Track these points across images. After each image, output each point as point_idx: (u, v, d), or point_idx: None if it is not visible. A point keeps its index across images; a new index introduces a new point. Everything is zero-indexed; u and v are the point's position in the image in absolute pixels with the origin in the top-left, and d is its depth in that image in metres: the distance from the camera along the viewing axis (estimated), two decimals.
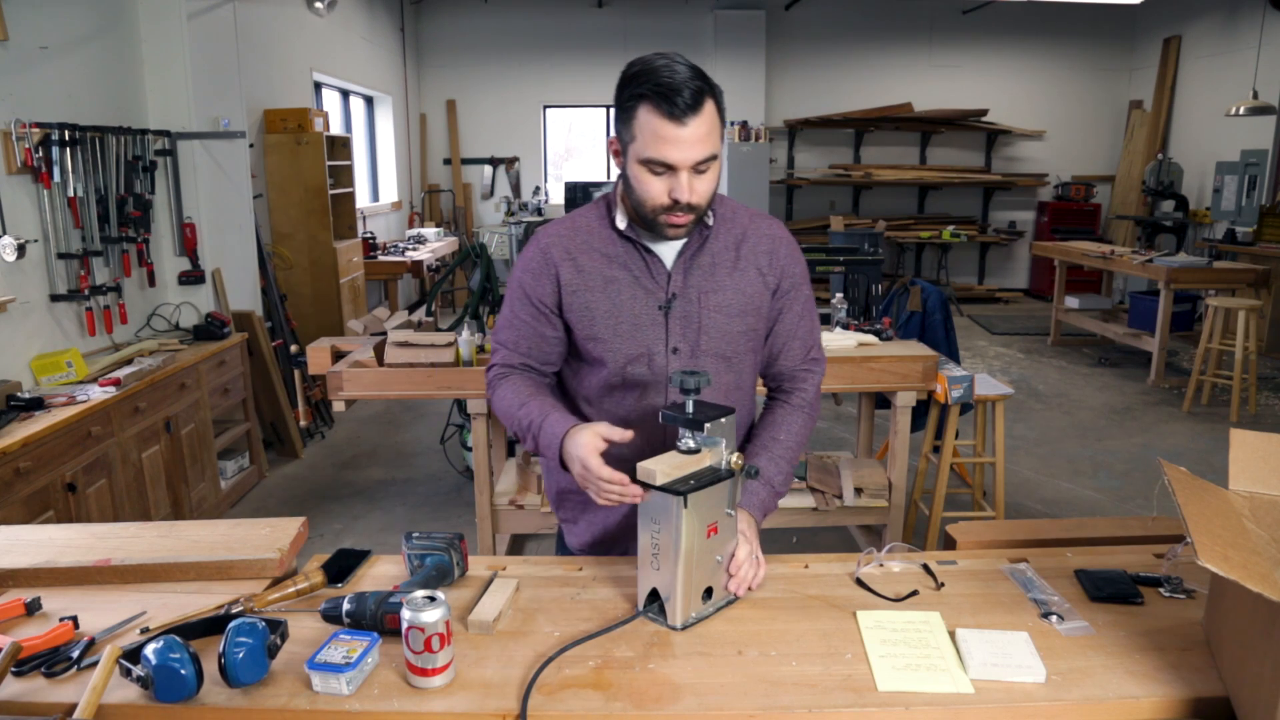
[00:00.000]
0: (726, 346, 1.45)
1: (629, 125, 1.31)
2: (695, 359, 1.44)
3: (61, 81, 3.34)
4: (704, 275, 1.43)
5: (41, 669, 1.13)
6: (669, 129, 1.26)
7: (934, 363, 3.11)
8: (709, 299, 1.43)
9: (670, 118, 1.25)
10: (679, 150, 1.27)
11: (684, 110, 1.25)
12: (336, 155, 5.94)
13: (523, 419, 1.40)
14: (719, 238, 1.45)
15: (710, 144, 1.29)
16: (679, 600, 1.22)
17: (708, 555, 1.25)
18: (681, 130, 1.26)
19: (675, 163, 1.28)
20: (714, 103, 1.29)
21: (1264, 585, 0.91)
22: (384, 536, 3.68)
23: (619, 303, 1.42)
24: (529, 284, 1.46)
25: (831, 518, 3.25)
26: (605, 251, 1.43)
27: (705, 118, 1.27)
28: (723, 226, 1.46)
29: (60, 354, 3.18)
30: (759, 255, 1.46)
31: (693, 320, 1.43)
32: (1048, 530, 1.59)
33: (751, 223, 1.48)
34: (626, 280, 1.42)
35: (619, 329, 1.43)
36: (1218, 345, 5.33)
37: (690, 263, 1.43)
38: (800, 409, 1.53)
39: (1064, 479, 4.33)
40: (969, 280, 9.81)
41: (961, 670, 1.12)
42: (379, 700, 1.08)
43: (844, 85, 9.41)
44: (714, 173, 1.33)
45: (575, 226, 1.47)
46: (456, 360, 3.09)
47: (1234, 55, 7.78)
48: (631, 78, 1.30)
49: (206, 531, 1.49)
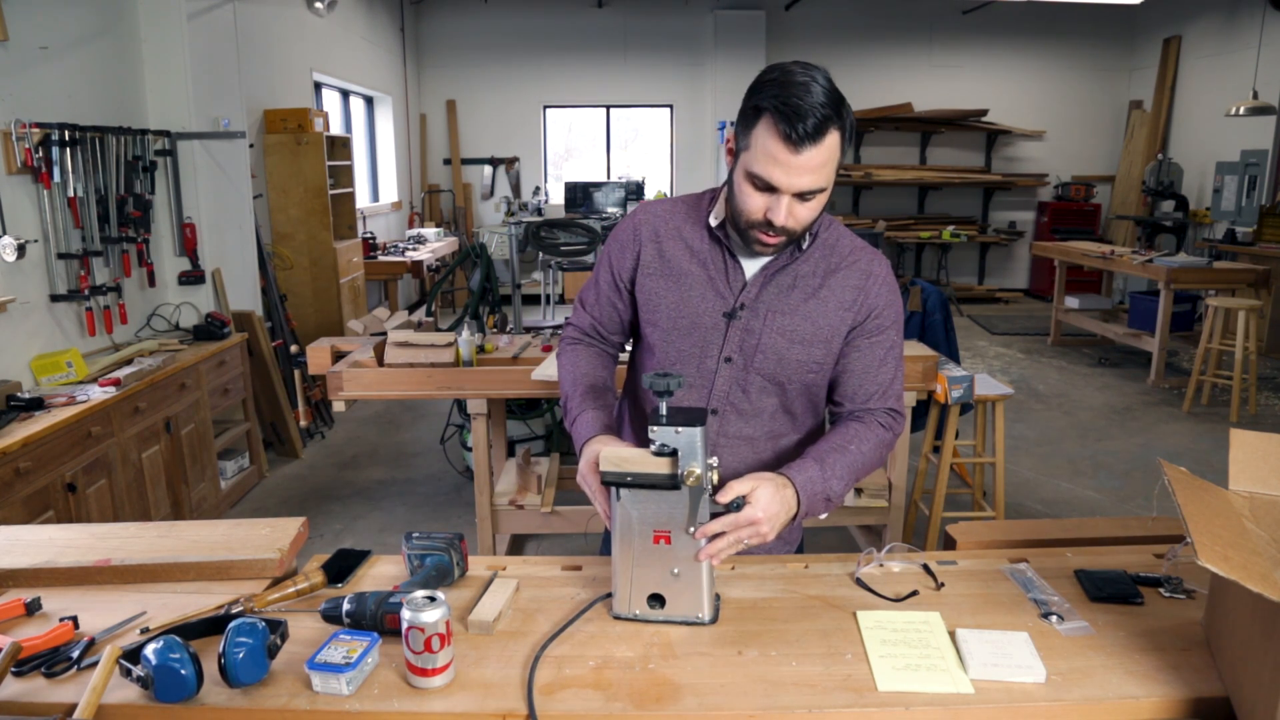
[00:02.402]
0: (780, 371, 1.40)
1: (747, 132, 1.26)
2: (746, 373, 1.41)
3: (61, 81, 3.34)
4: (779, 295, 1.39)
5: (41, 669, 1.13)
6: (783, 152, 1.21)
7: (934, 363, 3.11)
8: (775, 320, 1.38)
9: (787, 140, 1.20)
10: (787, 176, 1.23)
11: (803, 138, 1.19)
12: (336, 155, 5.94)
13: (567, 405, 1.46)
14: (809, 260, 1.40)
15: (822, 176, 1.25)
16: (618, 589, 1.25)
17: (655, 562, 1.22)
18: (795, 157, 1.21)
19: (781, 186, 1.24)
20: (839, 134, 1.24)
21: (1264, 585, 0.91)
22: (384, 536, 3.68)
23: (687, 297, 1.41)
24: (614, 254, 1.49)
25: (831, 518, 3.24)
26: (691, 244, 1.42)
27: (824, 149, 1.22)
28: (819, 251, 1.40)
29: (60, 354, 3.18)
30: (847, 289, 1.39)
31: (753, 335, 1.39)
32: (1048, 530, 1.59)
33: (851, 254, 1.41)
34: (701, 278, 1.41)
35: (678, 323, 1.42)
36: (1218, 345, 5.33)
37: (770, 279, 1.39)
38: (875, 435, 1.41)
39: (1064, 479, 4.33)
40: (969, 280, 9.81)
41: (961, 670, 1.12)
42: (379, 700, 1.08)
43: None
44: (819, 202, 1.29)
45: (673, 211, 1.46)
46: (456, 360, 3.09)
47: (1234, 55, 7.78)
48: (765, 84, 1.24)
49: (206, 531, 1.49)
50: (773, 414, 1.45)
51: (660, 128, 9.80)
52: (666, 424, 1.18)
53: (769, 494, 1.23)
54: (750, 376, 1.41)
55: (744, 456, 1.46)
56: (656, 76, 9.37)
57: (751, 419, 1.45)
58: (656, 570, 1.23)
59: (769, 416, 1.45)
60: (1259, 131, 7.40)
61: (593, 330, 1.56)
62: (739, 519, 1.20)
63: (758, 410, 1.44)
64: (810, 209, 1.29)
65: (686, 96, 9.44)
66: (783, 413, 1.46)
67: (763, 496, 1.22)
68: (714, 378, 1.42)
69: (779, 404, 1.45)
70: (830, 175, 1.27)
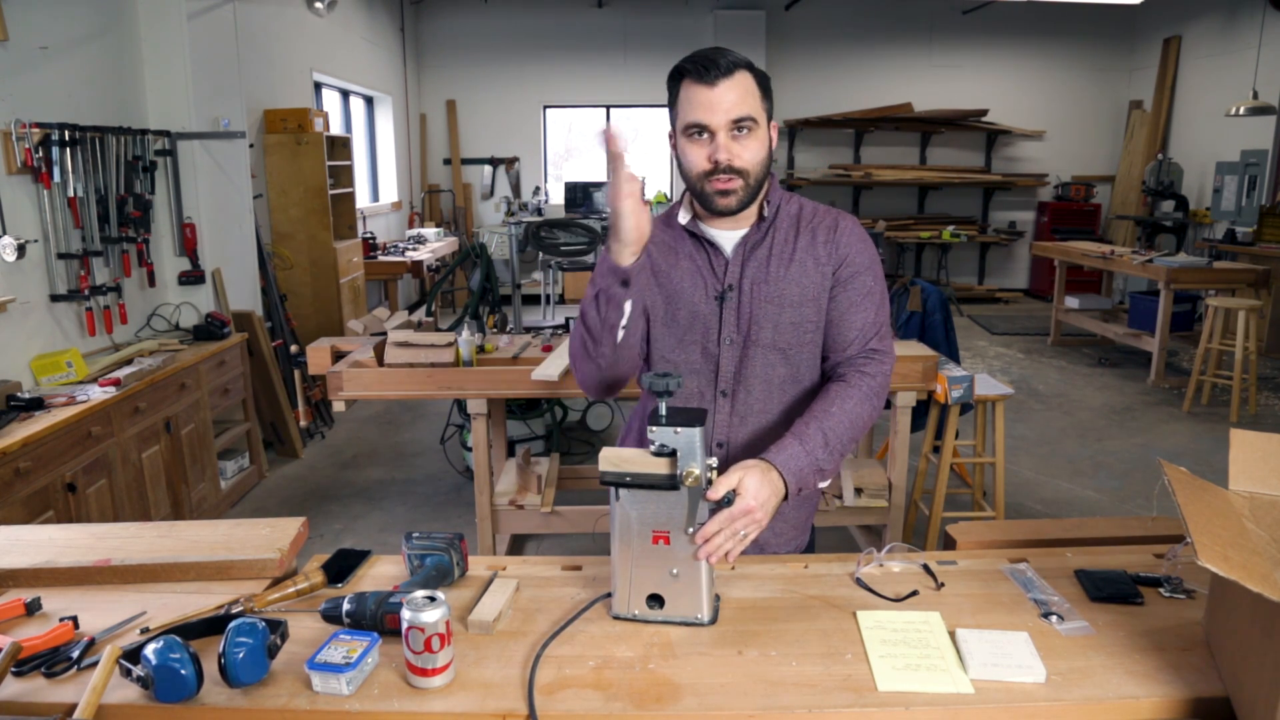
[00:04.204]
0: (779, 338, 1.46)
1: (675, 105, 1.39)
2: (748, 350, 1.46)
3: (61, 81, 3.34)
4: (760, 268, 1.46)
5: (41, 669, 1.13)
6: (701, 92, 1.33)
7: (934, 363, 3.11)
8: (761, 290, 1.45)
9: (701, 81, 1.33)
10: (711, 111, 1.33)
11: (716, 74, 1.32)
12: (336, 155, 5.94)
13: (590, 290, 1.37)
14: (779, 231, 1.48)
15: (745, 106, 1.34)
16: (617, 589, 1.25)
17: (655, 562, 1.23)
18: (712, 91, 1.32)
19: (709, 124, 1.34)
20: (751, 75, 1.36)
21: (1264, 585, 0.91)
22: (384, 536, 3.68)
23: (678, 291, 1.48)
24: None
25: (831, 518, 3.25)
26: (671, 245, 1.51)
27: (738, 81, 1.33)
28: (785, 221, 1.48)
29: (60, 354, 3.18)
30: (819, 245, 1.46)
31: (746, 311, 1.46)
32: (1048, 530, 1.59)
33: (815, 216, 1.50)
34: (688, 270, 1.48)
35: (676, 316, 1.49)
36: (1218, 345, 5.33)
37: (749, 255, 1.46)
38: (857, 388, 1.41)
39: (1064, 479, 4.33)
40: (969, 280, 9.81)
41: (961, 670, 1.12)
42: (379, 700, 1.08)
43: (844, 85, 9.41)
44: (757, 139, 1.37)
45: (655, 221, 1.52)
46: (456, 360, 3.09)
47: (1234, 55, 7.78)
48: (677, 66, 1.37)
49: (206, 531, 1.49)
50: (782, 384, 1.50)
51: (660, 128, 9.80)
52: (666, 424, 1.19)
53: (756, 480, 1.24)
54: (752, 351, 1.46)
55: (761, 431, 1.50)
56: (656, 76, 9.28)
57: (762, 394, 1.49)
58: (656, 570, 1.23)
59: (778, 387, 1.49)
60: (1259, 131, 7.40)
61: None
62: (734, 513, 1.21)
63: (767, 383, 1.49)
64: (752, 147, 1.38)
65: None
66: (791, 382, 1.50)
67: (751, 484, 1.23)
68: (718, 361, 1.48)
69: (786, 374, 1.49)
70: (756, 108, 1.37)
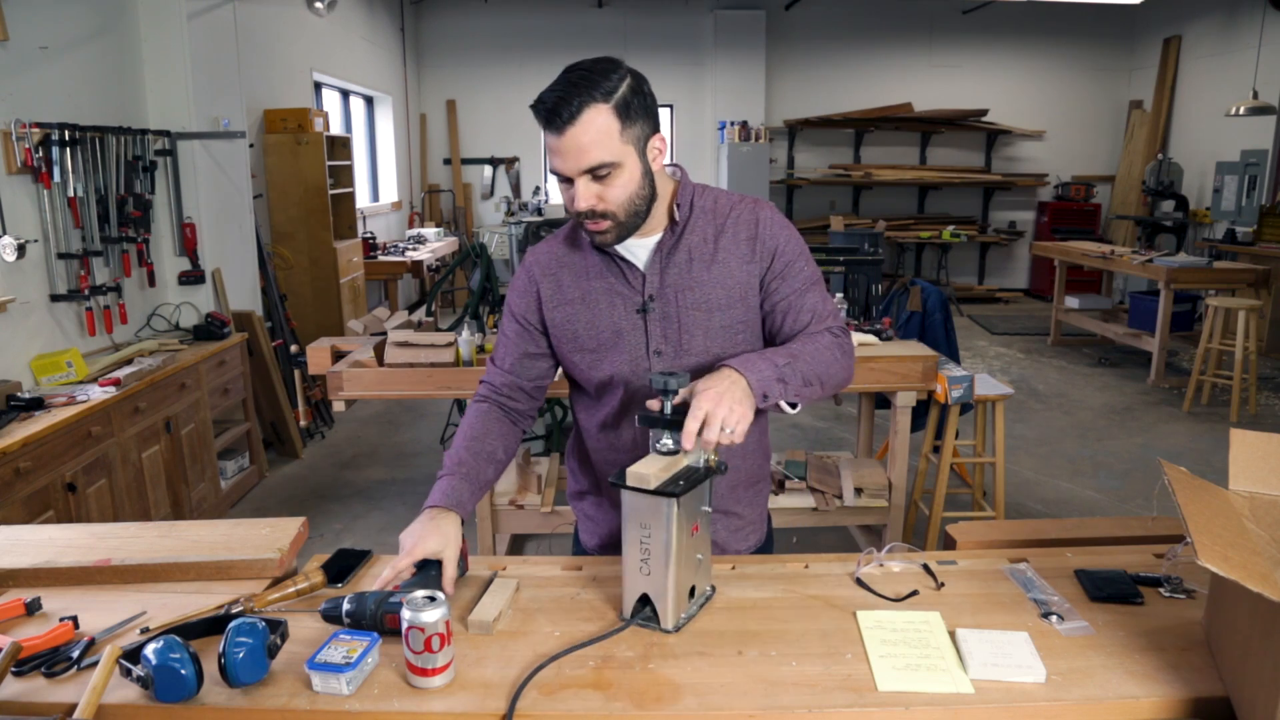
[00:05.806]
0: (710, 343, 1.39)
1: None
2: (680, 359, 1.40)
3: (61, 81, 3.34)
4: (680, 273, 1.39)
5: (41, 669, 1.13)
6: (552, 140, 1.27)
7: (934, 363, 3.11)
8: (685, 296, 1.38)
9: (549, 129, 1.26)
10: (564, 160, 1.27)
11: (559, 124, 1.24)
12: (336, 155, 5.94)
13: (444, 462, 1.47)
14: (695, 231, 1.40)
15: (597, 152, 1.25)
16: (670, 602, 1.21)
17: (692, 554, 1.24)
18: (561, 140, 1.25)
19: (565, 171, 1.28)
20: (603, 107, 1.24)
21: (1264, 585, 0.91)
22: (384, 536, 3.68)
23: (598, 312, 1.42)
24: (515, 302, 1.50)
25: (831, 518, 3.25)
26: (582, 266, 1.44)
27: (587, 125, 1.24)
28: (701, 219, 1.41)
29: (60, 354, 3.18)
30: (740, 242, 1.39)
31: (671, 320, 1.39)
32: (1048, 530, 1.59)
33: (732, 210, 1.41)
34: (603, 290, 1.42)
35: (600, 338, 1.42)
36: (1218, 345, 5.33)
37: (666, 261, 1.40)
38: (822, 336, 1.37)
39: (1064, 479, 4.33)
40: (969, 280, 9.81)
41: (961, 670, 1.12)
42: (379, 700, 1.08)
43: (844, 85, 9.41)
44: (620, 179, 1.29)
45: (555, 246, 1.48)
46: (456, 360, 3.09)
47: (1234, 55, 7.78)
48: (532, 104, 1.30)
49: (206, 531, 1.49)
50: None
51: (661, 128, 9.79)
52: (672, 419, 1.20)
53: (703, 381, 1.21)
54: (684, 360, 1.40)
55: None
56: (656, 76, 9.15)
57: None
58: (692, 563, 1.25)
59: None
60: (1259, 131, 7.40)
61: (504, 388, 1.52)
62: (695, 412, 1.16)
63: None
64: (618, 188, 1.29)
65: (687, 96, 9.44)
66: None
67: (699, 384, 1.21)
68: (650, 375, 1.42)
69: None
70: (614, 149, 1.26)
